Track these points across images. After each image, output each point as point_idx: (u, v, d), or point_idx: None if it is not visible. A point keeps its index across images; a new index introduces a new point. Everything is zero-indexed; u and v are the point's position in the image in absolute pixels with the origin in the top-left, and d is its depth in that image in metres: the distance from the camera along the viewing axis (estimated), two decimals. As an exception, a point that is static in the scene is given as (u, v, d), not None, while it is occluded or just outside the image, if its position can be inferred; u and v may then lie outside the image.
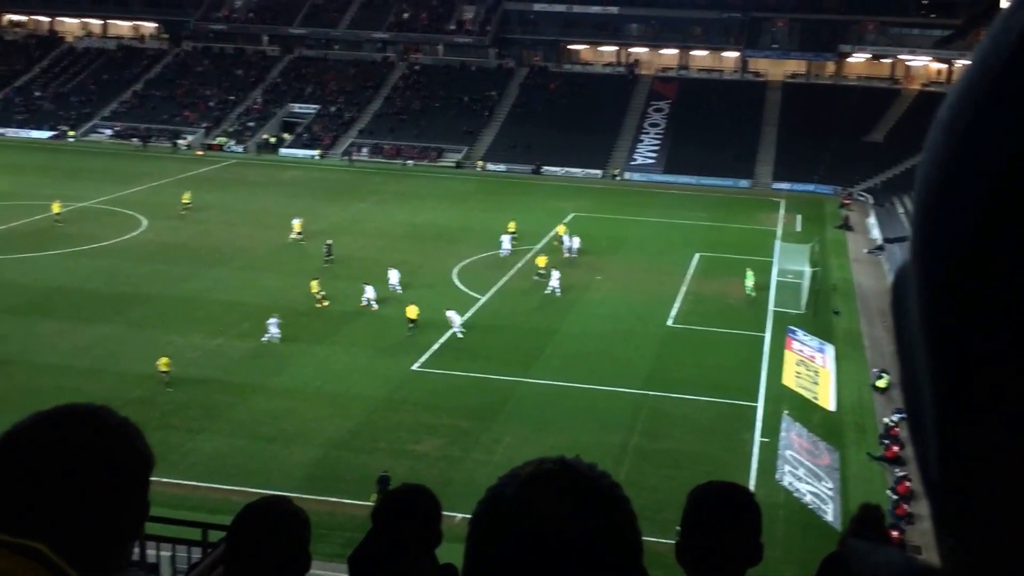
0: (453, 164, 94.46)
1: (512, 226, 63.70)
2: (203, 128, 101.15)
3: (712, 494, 4.06)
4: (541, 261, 57.51)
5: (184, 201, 69.32)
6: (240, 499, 30.06)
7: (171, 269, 55.47)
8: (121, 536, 2.19)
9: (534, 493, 1.48)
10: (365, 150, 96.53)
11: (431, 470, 34.20)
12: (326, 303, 50.77)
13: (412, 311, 47.71)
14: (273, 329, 45.36)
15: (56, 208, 65.03)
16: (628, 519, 1.60)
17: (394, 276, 53.32)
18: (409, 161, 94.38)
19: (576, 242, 62.31)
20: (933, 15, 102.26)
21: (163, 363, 39.82)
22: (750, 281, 55.49)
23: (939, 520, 0.75)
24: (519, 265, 57.28)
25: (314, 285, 51.36)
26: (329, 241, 59.45)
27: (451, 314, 47.42)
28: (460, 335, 47.33)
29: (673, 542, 4.06)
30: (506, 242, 60.82)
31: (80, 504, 2.09)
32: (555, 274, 54.43)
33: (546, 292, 53.53)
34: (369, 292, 50.96)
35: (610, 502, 1.56)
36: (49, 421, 2.17)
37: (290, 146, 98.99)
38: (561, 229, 61.86)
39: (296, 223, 61.64)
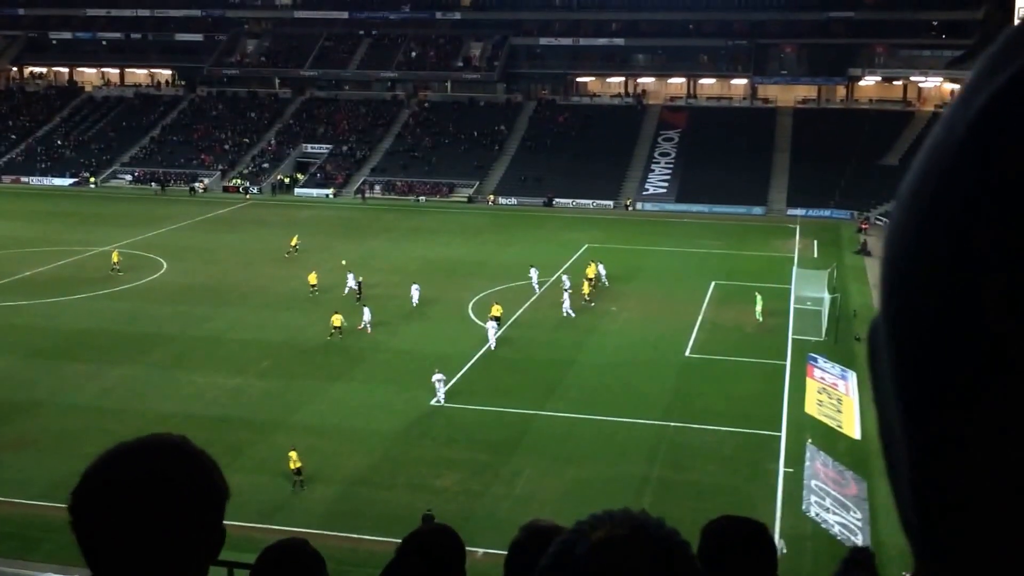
0: (465, 199, 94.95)
1: (592, 270, 62.19)
2: (219, 171, 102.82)
3: (726, 529, 3.99)
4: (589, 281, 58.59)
5: (292, 244, 71.21)
6: (262, 536, 29.73)
7: (192, 310, 56.12)
8: (200, 562, 2.31)
9: (609, 560, 1.41)
10: (378, 187, 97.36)
11: (451, 505, 33.96)
12: (341, 336, 51.37)
13: (336, 319, 51.63)
14: (440, 387, 43.98)
15: (116, 258, 66.27)
16: None
17: (415, 293, 55.82)
18: (421, 197, 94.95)
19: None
20: (944, 36, 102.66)
21: (293, 458, 36.85)
22: (759, 306, 55.45)
23: (917, 555, 0.78)
24: (533, 298, 57.17)
25: (336, 319, 51.87)
26: (360, 278, 60.12)
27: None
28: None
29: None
30: (534, 277, 60.72)
31: (164, 532, 2.20)
32: (565, 295, 55.20)
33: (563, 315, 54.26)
34: (366, 315, 52.59)
35: (683, 565, 1.49)
36: (133, 453, 2.31)
37: (304, 185, 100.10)
38: (591, 270, 60.77)
39: (312, 276, 61.04)
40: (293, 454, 35.99)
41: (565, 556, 1.43)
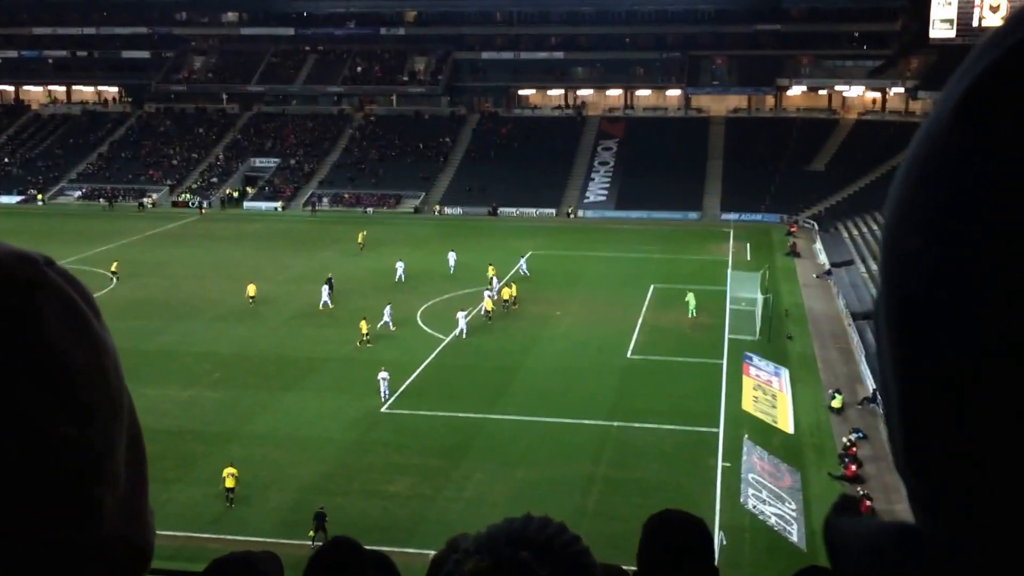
0: (411, 210, 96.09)
1: (492, 271, 64.70)
2: (168, 186, 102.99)
3: (667, 523, 4.08)
4: (506, 293, 59.51)
5: (359, 241, 76.11)
6: (217, 546, 31.38)
7: (143, 324, 55.91)
8: None
9: None
10: (326, 200, 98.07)
11: (404, 509, 34.89)
12: (370, 344, 52.42)
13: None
14: (383, 385, 45.81)
15: (114, 267, 68.05)
16: None
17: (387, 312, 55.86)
18: (369, 209, 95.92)
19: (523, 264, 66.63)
20: (865, 46, 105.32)
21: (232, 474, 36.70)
22: (692, 303, 57.20)
23: (911, 499, 0.84)
24: (481, 304, 58.00)
25: (363, 326, 53.02)
26: (330, 275, 62.32)
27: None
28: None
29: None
30: (494, 283, 62.24)
31: None
32: (461, 315, 55.20)
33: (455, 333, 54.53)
34: (386, 314, 54.90)
35: None
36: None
37: (253, 199, 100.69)
38: (506, 292, 61.94)
39: (251, 288, 62.01)
40: (231, 471, 35.85)
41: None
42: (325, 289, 60.96)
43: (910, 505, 0.84)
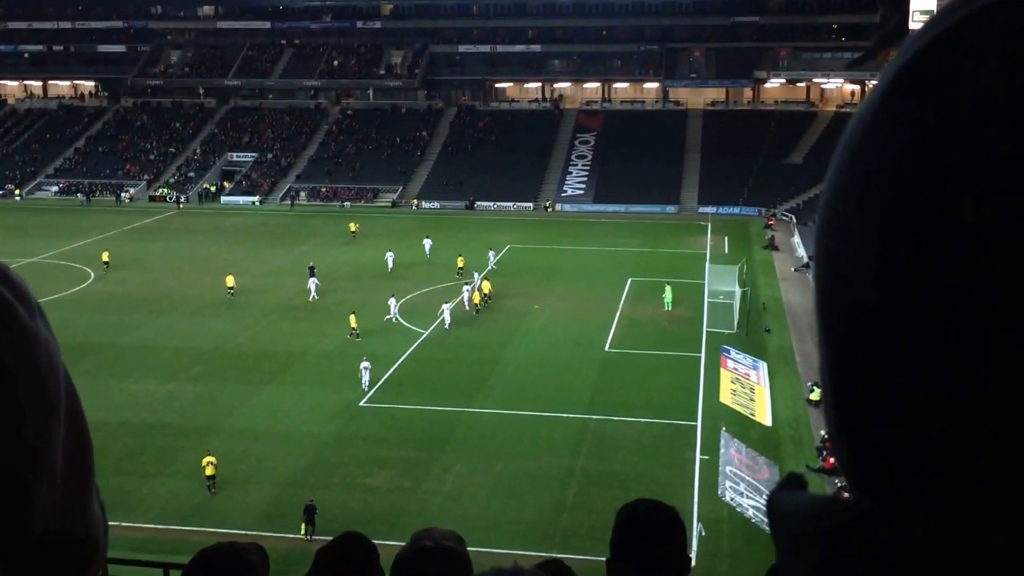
0: (389, 204, 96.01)
1: (461, 261, 65.78)
2: (145, 181, 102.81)
3: (639, 511, 4.10)
4: (486, 287, 59.52)
5: (352, 230, 78.19)
6: (198, 539, 31.28)
7: (121, 318, 56.22)
8: None
9: None
10: (303, 194, 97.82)
11: (383, 502, 34.98)
12: (359, 338, 52.41)
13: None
14: (365, 375, 46.17)
15: (104, 257, 68.68)
16: None
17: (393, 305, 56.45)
18: (346, 203, 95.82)
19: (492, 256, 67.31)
20: (844, 39, 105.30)
21: (212, 462, 37.12)
22: (668, 296, 57.36)
23: (842, 470, 0.85)
24: (458, 299, 58.02)
25: (352, 319, 53.17)
26: (312, 263, 62.52)
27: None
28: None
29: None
30: (475, 276, 62.25)
31: None
32: (446, 307, 55.89)
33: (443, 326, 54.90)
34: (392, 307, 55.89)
35: None
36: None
37: (230, 194, 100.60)
38: (486, 286, 62.24)
39: (229, 279, 62.44)
40: (210, 459, 36.36)
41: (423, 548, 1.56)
42: (312, 281, 61.20)
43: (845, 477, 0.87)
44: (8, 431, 1.10)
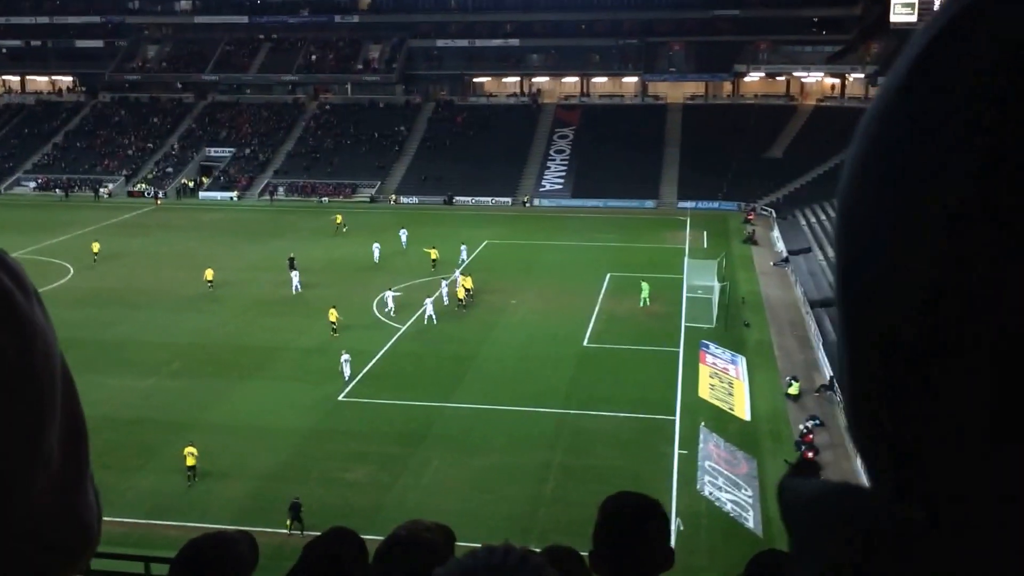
0: (367, 199, 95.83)
1: (434, 253, 66.03)
2: (123, 176, 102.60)
3: (622, 505, 4.12)
4: (468, 283, 59.42)
5: (339, 222, 80.00)
6: (178, 534, 31.12)
7: (100, 313, 56.13)
8: None
9: None
10: (281, 189, 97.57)
11: (362, 497, 35.07)
12: (336, 334, 52.24)
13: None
14: (346, 367, 46.55)
15: (95, 248, 69.53)
16: None
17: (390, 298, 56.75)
18: (324, 198, 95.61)
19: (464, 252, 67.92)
20: (824, 32, 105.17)
21: (192, 454, 37.51)
22: (645, 292, 57.38)
23: (859, 455, 0.84)
24: (437, 293, 57.83)
25: (332, 313, 53.09)
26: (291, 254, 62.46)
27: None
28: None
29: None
30: (456, 274, 62.25)
31: None
32: (443, 288, 56.55)
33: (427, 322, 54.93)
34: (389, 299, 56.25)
35: None
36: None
37: (208, 189, 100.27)
38: (468, 282, 62.03)
39: (208, 272, 62.57)
40: (191, 450, 36.75)
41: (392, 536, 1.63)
42: (295, 274, 61.51)
43: (863, 465, 0.86)
44: (3, 420, 1.08)
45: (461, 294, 57.96)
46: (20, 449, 1.10)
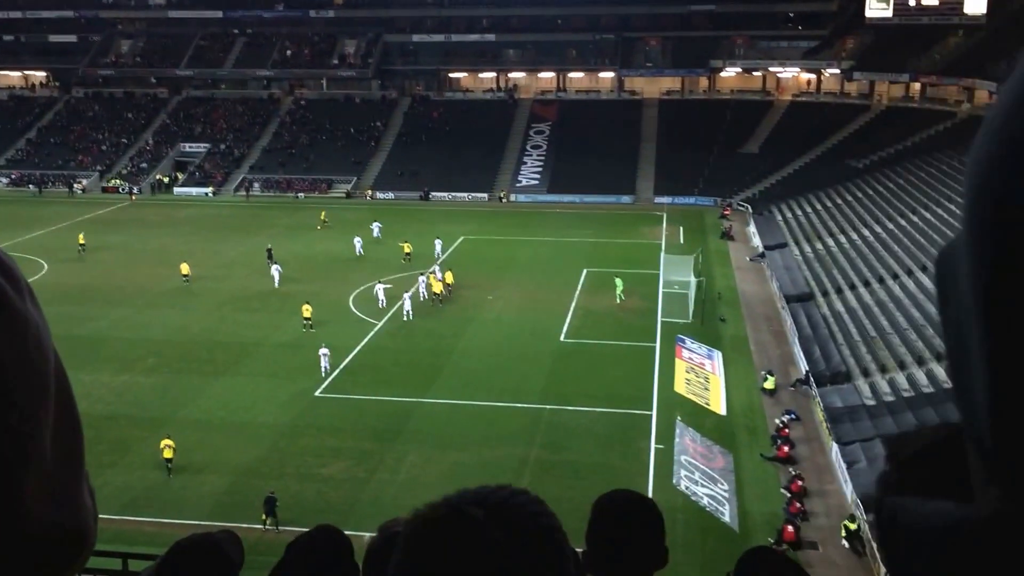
0: (343, 194, 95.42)
1: (408, 247, 66.08)
2: (97, 171, 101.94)
3: (616, 502, 4.05)
4: (449, 278, 59.63)
5: (322, 218, 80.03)
6: (153, 529, 31.01)
7: (75, 310, 55.66)
8: None
9: (421, 541, 1.39)
10: (257, 185, 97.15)
11: (338, 492, 35.15)
12: (312, 329, 52.22)
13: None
14: (324, 360, 46.67)
15: (81, 239, 69.56)
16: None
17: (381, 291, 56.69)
18: (300, 194, 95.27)
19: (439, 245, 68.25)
20: (800, 27, 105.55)
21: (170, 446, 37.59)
22: (619, 288, 57.41)
23: (990, 475, 0.77)
24: (413, 289, 57.80)
25: (305, 310, 53.03)
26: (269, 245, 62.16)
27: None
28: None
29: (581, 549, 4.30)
30: (436, 270, 62.13)
31: None
32: (421, 283, 56.49)
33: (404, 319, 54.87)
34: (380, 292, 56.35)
35: (498, 547, 1.36)
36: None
37: (183, 185, 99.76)
38: (449, 277, 62.09)
39: (184, 266, 62.55)
40: (168, 442, 36.86)
41: (393, 533, 1.51)
42: (275, 268, 61.56)
43: (979, 483, 0.79)
44: None
45: (438, 288, 57.82)
46: (14, 449, 1.05)
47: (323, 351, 46.59)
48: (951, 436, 0.85)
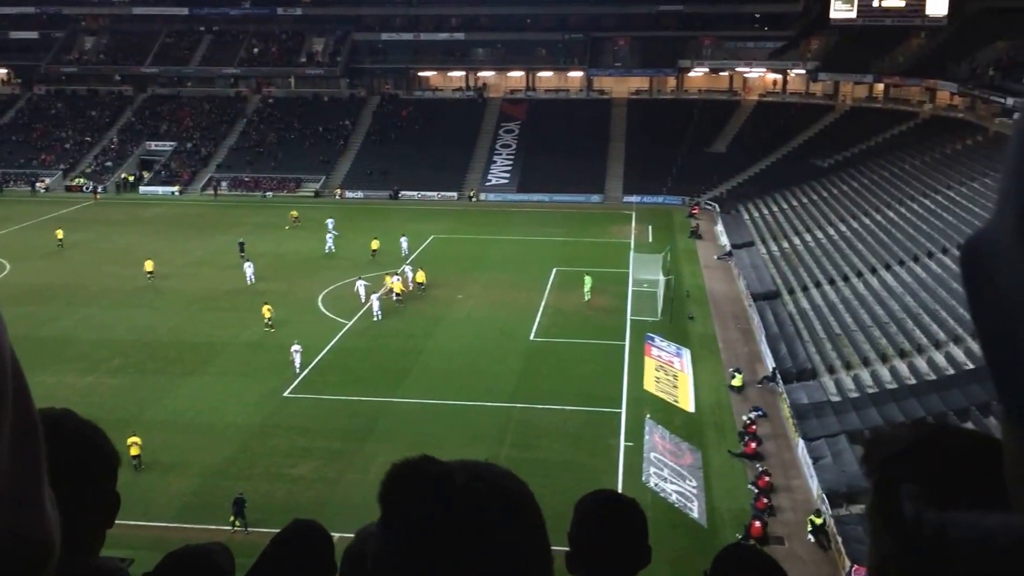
0: (312, 193, 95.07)
1: (375, 244, 66.55)
2: (61, 170, 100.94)
3: (600, 503, 4.07)
4: (420, 276, 60.01)
5: (293, 215, 79.52)
6: (120, 531, 30.87)
7: (38, 310, 55.30)
8: (100, 526, 2.38)
9: (391, 488, 1.43)
10: (224, 184, 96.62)
11: (308, 492, 35.15)
12: (272, 329, 52.30)
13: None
14: (296, 358, 46.62)
15: (59, 235, 69.95)
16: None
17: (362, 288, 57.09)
18: (268, 193, 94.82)
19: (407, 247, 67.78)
20: (766, 28, 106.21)
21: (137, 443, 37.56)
22: (587, 286, 57.64)
23: None
24: (383, 290, 57.77)
25: (266, 311, 52.95)
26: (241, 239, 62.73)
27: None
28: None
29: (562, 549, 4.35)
30: (407, 269, 62.29)
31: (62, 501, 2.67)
32: (374, 298, 55.70)
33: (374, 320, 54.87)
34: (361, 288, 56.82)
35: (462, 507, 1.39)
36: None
37: (149, 183, 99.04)
38: (420, 275, 61.86)
39: (148, 263, 62.35)
40: (135, 439, 36.77)
41: (370, 535, 1.51)
42: (248, 265, 61.51)
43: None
44: None
45: (399, 288, 57.69)
46: None
47: (295, 348, 46.62)
48: (933, 434, 0.83)
